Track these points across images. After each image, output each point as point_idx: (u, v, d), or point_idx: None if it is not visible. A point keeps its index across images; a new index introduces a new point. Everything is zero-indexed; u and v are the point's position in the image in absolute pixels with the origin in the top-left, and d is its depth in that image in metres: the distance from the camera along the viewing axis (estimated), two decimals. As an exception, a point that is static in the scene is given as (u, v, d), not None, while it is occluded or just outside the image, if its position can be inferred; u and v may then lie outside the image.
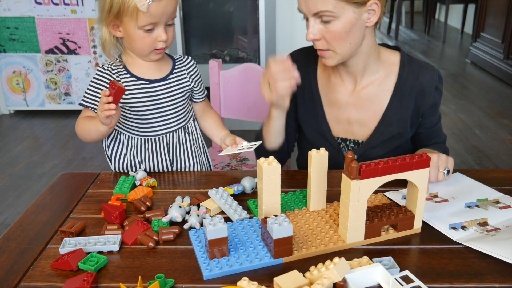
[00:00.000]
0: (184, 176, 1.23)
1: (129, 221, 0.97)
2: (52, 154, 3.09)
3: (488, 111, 3.68)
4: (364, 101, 1.25)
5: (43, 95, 3.74)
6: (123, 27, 1.14)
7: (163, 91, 1.23)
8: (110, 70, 1.21)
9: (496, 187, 1.10)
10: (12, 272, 0.85)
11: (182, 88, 1.27)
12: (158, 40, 1.15)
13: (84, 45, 3.59)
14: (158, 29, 1.13)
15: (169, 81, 1.25)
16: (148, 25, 1.11)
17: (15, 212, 2.42)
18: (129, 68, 1.22)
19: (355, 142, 1.28)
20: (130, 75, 1.21)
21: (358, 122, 1.27)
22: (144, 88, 1.22)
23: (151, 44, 1.15)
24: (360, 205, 0.86)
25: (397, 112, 1.24)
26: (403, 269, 0.82)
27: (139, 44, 1.15)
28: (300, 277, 0.77)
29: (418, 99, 1.23)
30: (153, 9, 1.09)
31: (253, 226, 0.94)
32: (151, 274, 0.83)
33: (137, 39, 1.14)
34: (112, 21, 1.14)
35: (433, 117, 1.28)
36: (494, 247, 0.86)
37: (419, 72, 1.22)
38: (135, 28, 1.12)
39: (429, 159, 0.88)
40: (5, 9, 3.50)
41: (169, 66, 1.27)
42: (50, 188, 1.16)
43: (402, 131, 1.25)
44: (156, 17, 1.11)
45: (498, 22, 4.39)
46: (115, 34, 1.17)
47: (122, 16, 1.11)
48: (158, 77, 1.23)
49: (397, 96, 1.23)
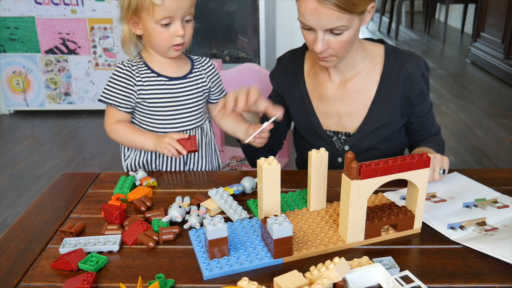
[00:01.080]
0: (184, 176, 1.23)
1: (129, 221, 0.97)
2: (52, 154, 3.09)
3: (488, 111, 3.68)
4: (351, 93, 1.27)
5: (43, 95, 3.74)
6: (142, 23, 1.16)
7: (183, 89, 1.25)
8: (130, 66, 1.22)
9: (496, 187, 1.10)
10: (12, 272, 0.85)
11: (200, 88, 1.28)
12: (175, 35, 1.15)
13: (84, 45, 3.59)
14: (175, 24, 1.15)
15: (188, 80, 1.26)
16: (164, 19, 1.12)
17: (15, 212, 2.42)
18: (150, 64, 1.23)
19: (346, 134, 1.31)
20: (151, 71, 1.22)
21: (348, 115, 1.29)
22: (164, 85, 1.23)
23: (168, 39, 1.16)
24: (360, 205, 0.86)
25: (385, 101, 1.25)
26: (403, 269, 0.82)
27: (157, 40, 1.16)
28: (300, 277, 0.77)
29: (406, 86, 1.24)
30: (168, 3, 1.10)
31: (253, 226, 0.94)
32: (151, 274, 0.83)
33: (155, 34, 1.15)
34: (132, 18, 1.16)
35: (423, 105, 1.29)
36: (492, 246, 0.86)
37: (404, 60, 1.24)
38: (152, 23, 1.13)
39: (429, 159, 0.88)
40: (5, 9, 3.50)
41: (188, 66, 1.28)
42: (50, 188, 1.16)
43: (391, 120, 1.27)
44: (172, 10, 1.12)
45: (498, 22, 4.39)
46: (135, 31, 1.19)
47: (140, 11, 1.13)
48: (178, 75, 1.25)
49: (384, 84, 1.25)
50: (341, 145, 1.32)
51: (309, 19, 1.09)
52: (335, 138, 1.32)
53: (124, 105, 1.22)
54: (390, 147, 1.31)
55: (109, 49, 3.60)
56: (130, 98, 1.22)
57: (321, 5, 1.05)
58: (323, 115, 1.31)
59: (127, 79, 1.21)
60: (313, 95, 1.31)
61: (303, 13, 1.09)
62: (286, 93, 1.35)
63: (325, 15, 1.06)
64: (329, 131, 1.32)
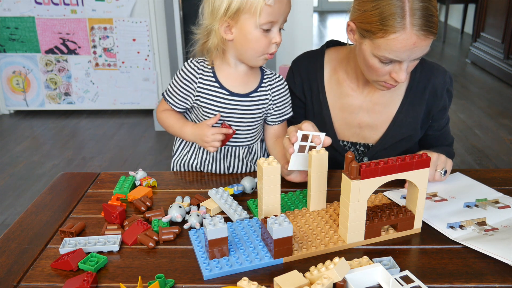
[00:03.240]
0: (184, 176, 1.23)
1: (129, 221, 0.97)
2: (52, 154, 3.09)
3: (488, 111, 3.68)
4: (377, 106, 1.25)
5: (43, 95, 3.74)
6: (238, 27, 1.08)
7: (241, 107, 1.18)
8: (195, 69, 1.17)
9: (496, 187, 1.10)
10: (12, 272, 0.85)
11: (260, 110, 1.21)
12: (272, 42, 1.10)
13: (84, 45, 3.59)
14: (274, 30, 1.09)
15: (250, 99, 1.19)
16: (268, 23, 1.07)
17: (15, 212, 2.42)
18: (217, 73, 1.18)
19: (365, 145, 1.28)
20: (215, 80, 1.17)
21: (369, 126, 1.26)
22: (223, 98, 1.17)
23: (266, 46, 1.10)
24: (360, 205, 0.86)
25: (408, 115, 1.23)
26: (403, 269, 0.82)
27: (254, 45, 1.09)
28: (300, 277, 0.77)
29: (430, 100, 1.23)
30: (277, 6, 1.06)
31: (253, 226, 0.94)
32: (151, 274, 0.83)
33: (253, 40, 1.08)
34: (227, 22, 1.08)
35: (442, 120, 1.28)
36: (491, 246, 0.86)
37: (431, 73, 1.22)
38: (254, 27, 1.07)
39: (429, 159, 0.88)
40: (5, 9, 3.50)
41: (256, 82, 1.20)
42: (50, 188, 1.16)
43: (412, 133, 1.25)
44: (276, 15, 1.07)
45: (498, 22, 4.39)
46: (226, 36, 1.10)
47: (241, 14, 1.06)
48: (242, 92, 1.18)
49: (409, 98, 1.23)
50: (359, 156, 1.29)
51: (402, 54, 1.03)
52: (353, 149, 1.29)
53: (179, 106, 1.21)
54: None
55: (109, 49, 3.60)
56: (187, 101, 1.20)
57: (420, 39, 1.00)
58: (342, 126, 1.27)
59: (188, 81, 1.18)
60: (334, 106, 1.27)
61: (395, 49, 1.02)
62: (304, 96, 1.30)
63: (421, 46, 1.02)
64: (346, 142, 1.29)
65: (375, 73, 1.10)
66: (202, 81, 1.17)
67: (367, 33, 1.05)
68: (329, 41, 1.33)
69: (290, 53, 3.61)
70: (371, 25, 1.03)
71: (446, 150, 1.28)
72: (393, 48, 1.02)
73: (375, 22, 1.02)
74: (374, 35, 1.03)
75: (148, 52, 3.61)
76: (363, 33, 1.06)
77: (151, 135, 3.40)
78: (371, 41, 1.05)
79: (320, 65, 1.28)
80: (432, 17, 1.00)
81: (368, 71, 1.12)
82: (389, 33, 1.00)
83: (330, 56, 1.29)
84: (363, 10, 1.04)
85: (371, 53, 1.06)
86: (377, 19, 1.01)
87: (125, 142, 3.29)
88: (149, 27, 3.53)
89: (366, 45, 1.07)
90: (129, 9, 3.50)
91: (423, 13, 0.99)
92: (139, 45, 3.59)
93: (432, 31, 1.01)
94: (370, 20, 1.03)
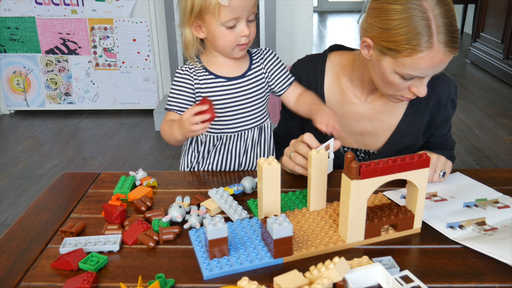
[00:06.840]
0: (184, 176, 1.23)
1: (129, 221, 0.97)
2: (52, 154, 3.09)
3: (488, 111, 3.68)
4: (380, 115, 1.24)
5: (44, 95, 3.74)
6: (206, 26, 1.13)
7: (241, 88, 1.21)
8: (188, 70, 1.21)
9: (496, 187, 1.10)
10: (12, 272, 0.85)
11: (259, 85, 1.24)
12: (240, 36, 1.13)
13: (84, 45, 3.59)
14: (240, 25, 1.12)
15: (247, 78, 1.22)
16: (231, 20, 1.10)
17: (15, 212, 2.42)
18: (209, 67, 1.21)
19: (366, 152, 1.28)
20: (209, 73, 1.20)
21: (372, 134, 1.26)
22: (222, 86, 1.20)
23: (234, 40, 1.13)
24: (360, 205, 0.86)
25: (411, 124, 1.23)
26: (403, 269, 0.82)
27: (222, 42, 1.14)
28: (300, 277, 0.77)
29: (434, 110, 1.22)
30: (234, 4, 1.08)
31: (253, 226, 0.94)
32: (151, 274, 0.83)
33: (220, 36, 1.13)
34: (195, 22, 1.13)
35: (445, 128, 1.28)
36: (490, 246, 0.87)
37: (436, 83, 1.21)
38: (218, 25, 1.10)
39: (428, 159, 0.88)
40: (6, 9, 3.50)
41: (247, 62, 1.24)
42: (50, 188, 1.16)
43: (414, 142, 1.25)
44: (238, 11, 1.09)
45: (498, 22, 4.39)
46: (198, 35, 1.16)
47: (204, 14, 1.10)
48: (237, 74, 1.22)
49: (412, 108, 1.22)
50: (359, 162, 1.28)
51: (428, 71, 1.03)
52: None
53: (185, 108, 1.21)
54: None
55: (109, 49, 3.61)
56: (191, 102, 1.21)
57: (446, 55, 1.00)
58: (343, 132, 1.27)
59: (186, 83, 1.20)
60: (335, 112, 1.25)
61: (421, 67, 1.01)
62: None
63: (445, 62, 1.02)
64: (347, 148, 1.28)
65: (393, 88, 1.09)
66: (198, 78, 1.20)
67: (390, 51, 1.03)
68: (333, 45, 1.32)
69: (290, 53, 3.61)
70: (395, 44, 1.01)
71: (447, 153, 1.28)
72: (419, 66, 1.01)
73: (401, 41, 0.99)
74: (399, 54, 1.01)
75: (148, 52, 3.61)
76: (384, 51, 1.04)
77: (151, 135, 3.40)
78: (394, 59, 1.03)
79: (321, 70, 1.27)
80: (455, 32, 1.00)
81: (386, 86, 1.11)
82: (416, 52, 0.99)
83: (333, 61, 1.28)
84: (385, 28, 1.02)
85: (393, 70, 1.05)
86: (403, 38, 0.99)
87: (126, 142, 3.29)
88: (149, 27, 3.54)
89: (387, 62, 1.05)
90: (129, 9, 3.50)
91: (448, 30, 0.98)
92: (139, 45, 3.59)
93: (456, 46, 1.00)
94: (395, 40, 1.00)
